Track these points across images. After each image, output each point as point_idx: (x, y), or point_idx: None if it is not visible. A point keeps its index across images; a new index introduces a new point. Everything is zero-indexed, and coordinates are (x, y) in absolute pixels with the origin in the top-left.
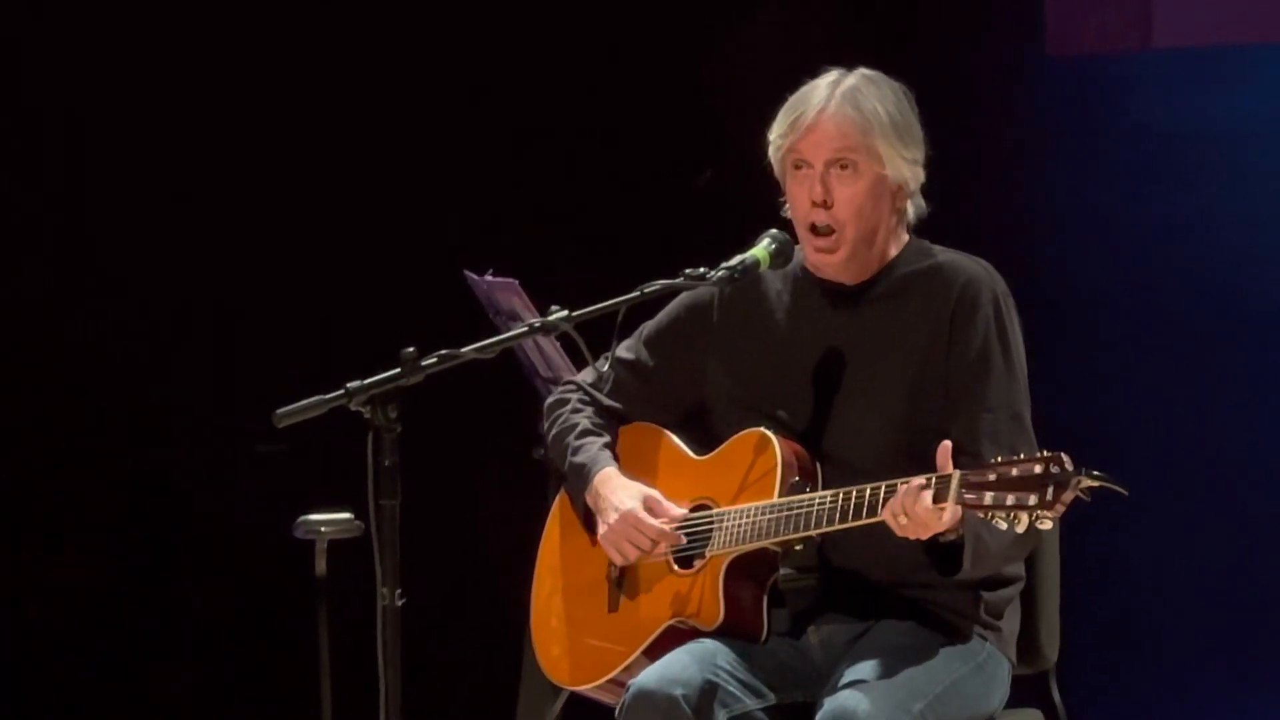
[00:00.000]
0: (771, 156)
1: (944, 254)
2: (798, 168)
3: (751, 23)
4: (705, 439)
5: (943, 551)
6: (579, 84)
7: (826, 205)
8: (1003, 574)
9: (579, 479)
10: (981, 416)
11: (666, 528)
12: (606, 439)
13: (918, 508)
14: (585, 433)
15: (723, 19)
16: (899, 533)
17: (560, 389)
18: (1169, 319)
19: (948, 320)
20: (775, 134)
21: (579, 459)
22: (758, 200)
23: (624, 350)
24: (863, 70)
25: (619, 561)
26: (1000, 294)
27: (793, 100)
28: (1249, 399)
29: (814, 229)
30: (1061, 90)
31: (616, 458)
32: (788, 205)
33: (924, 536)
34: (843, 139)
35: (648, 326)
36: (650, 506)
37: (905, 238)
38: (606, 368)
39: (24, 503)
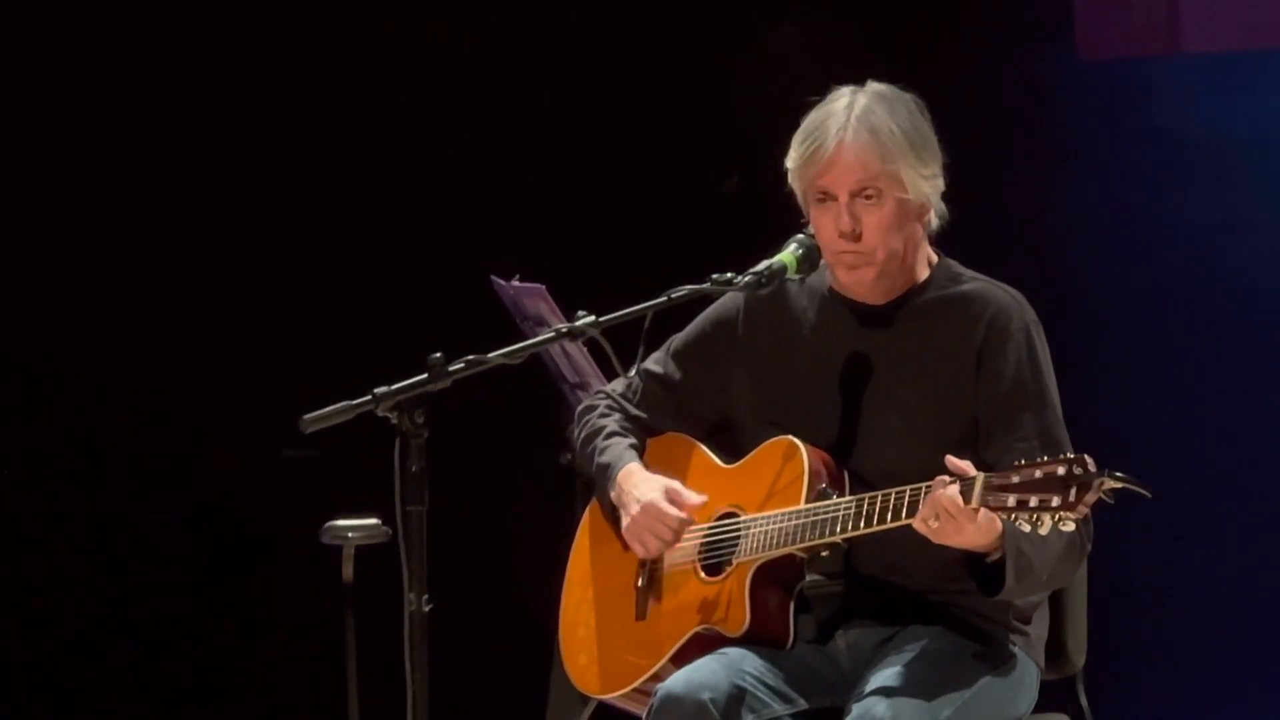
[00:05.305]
0: (791, 184)
1: (973, 280)
2: (821, 200)
3: (780, 27)
4: (733, 450)
5: (986, 572)
6: (606, 89)
7: (855, 235)
8: None
9: (604, 478)
10: (1016, 445)
11: (686, 515)
12: (633, 440)
13: (945, 501)
14: (611, 434)
15: (751, 23)
16: (934, 539)
17: (590, 397)
18: (1198, 322)
19: (976, 350)
20: (793, 164)
21: (604, 459)
22: (785, 205)
23: (651, 363)
24: (874, 86)
25: (641, 554)
26: (1030, 322)
27: (807, 127)
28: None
29: (842, 253)
30: (1090, 94)
31: (642, 458)
32: (814, 231)
33: (957, 540)
34: (864, 169)
35: (675, 340)
36: (671, 497)
37: (933, 257)
38: (634, 374)
39: (52, 508)
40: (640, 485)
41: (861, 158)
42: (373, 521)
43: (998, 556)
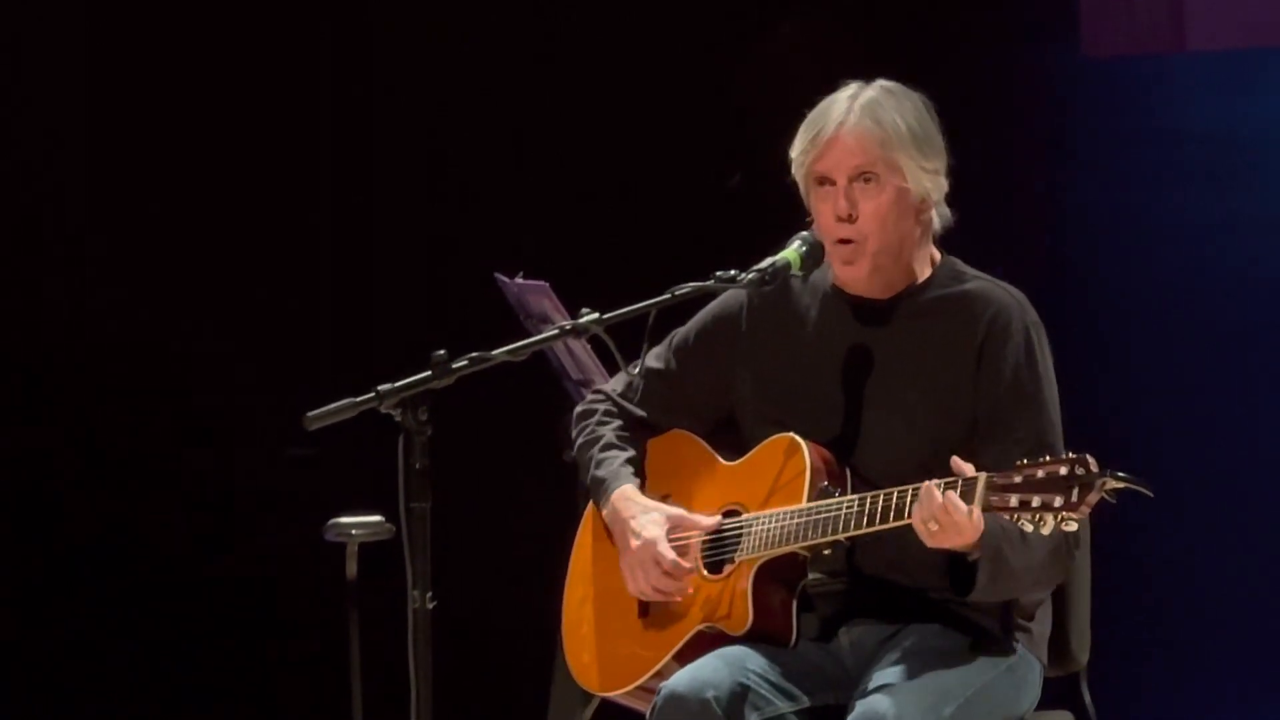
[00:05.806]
0: (795, 174)
1: (975, 280)
2: (821, 184)
3: (784, 25)
4: (735, 447)
5: (964, 570)
6: (606, 89)
7: (851, 219)
8: None
9: (598, 493)
10: (1012, 448)
11: (685, 563)
12: (630, 454)
13: (947, 508)
14: (608, 446)
15: (756, 21)
16: (930, 542)
17: (588, 398)
18: (1198, 322)
19: (977, 349)
20: (796, 151)
21: (600, 473)
22: (789, 202)
23: (653, 359)
24: (882, 82)
25: (633, 592)
26: (1031, 323)
27: (812, 116)
28: None
29: (839, 242)
30: (1094, 92)
31: (640, 472)
32: (815, 223)
33: (956, 543)
34: (863, 153)
35: (677, 335)
36: (676, 525)
37: (936, 255)
38: (637, 371)
39: (52, 508)
40: (640, 517)
41: (861, 142)
42: (376, 519)
43: (978, 556)
